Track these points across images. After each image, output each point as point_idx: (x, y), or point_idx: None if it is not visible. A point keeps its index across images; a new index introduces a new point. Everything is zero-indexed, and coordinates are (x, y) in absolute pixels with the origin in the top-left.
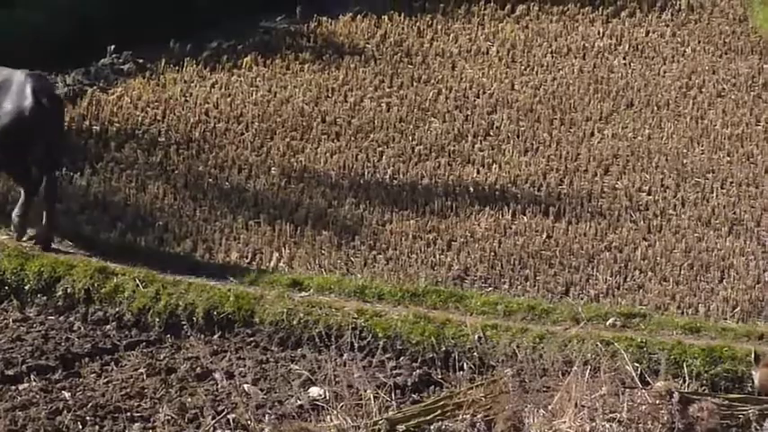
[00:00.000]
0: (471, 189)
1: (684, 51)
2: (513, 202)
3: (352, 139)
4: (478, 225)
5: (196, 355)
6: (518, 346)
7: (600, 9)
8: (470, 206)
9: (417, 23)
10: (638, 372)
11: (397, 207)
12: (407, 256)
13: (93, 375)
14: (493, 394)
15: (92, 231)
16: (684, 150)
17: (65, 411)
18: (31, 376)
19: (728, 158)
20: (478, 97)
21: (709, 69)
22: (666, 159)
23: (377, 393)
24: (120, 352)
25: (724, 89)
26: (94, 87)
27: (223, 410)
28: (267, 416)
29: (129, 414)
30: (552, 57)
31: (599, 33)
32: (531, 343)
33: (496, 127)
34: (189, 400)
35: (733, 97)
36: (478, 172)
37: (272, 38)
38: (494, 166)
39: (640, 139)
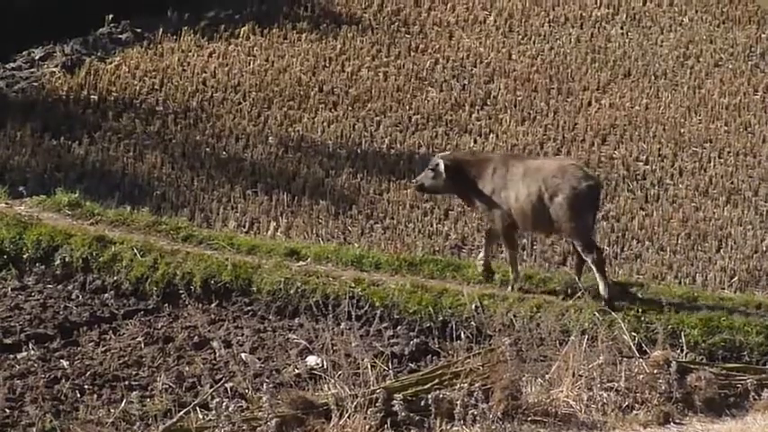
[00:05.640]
0: None
1: (682, 21)
2: None
3: (350, 108)
4: None
5: (194, 324)
6: (515, 316)
7: None
8: None
9: None
10: (636, 341)
11: (394, 176)
12: (404, 226)
13: (91, 344)
14: (490, 363)
15: (90, 200)
16: (682, 120)
17: (63, 380)
18: (30, 345)
19: (726, 128)
20: (475, 67)
21: (706, 39)
22: (664, 129)
23: (374, 362)
24: (118, 321)
25: (721, 58)
26: (92, 57)
27: (221, 379)
28: (265, 384)
29: (126, 383)
30: (550, 26)
31: (596, 2)
32: (529, 312)
33: (494, 96)
34: (187, 368)
35: (730, 66)
36: (476, 141)
37: (270, 7)
38: (491, 135)
39: (638, 108)
